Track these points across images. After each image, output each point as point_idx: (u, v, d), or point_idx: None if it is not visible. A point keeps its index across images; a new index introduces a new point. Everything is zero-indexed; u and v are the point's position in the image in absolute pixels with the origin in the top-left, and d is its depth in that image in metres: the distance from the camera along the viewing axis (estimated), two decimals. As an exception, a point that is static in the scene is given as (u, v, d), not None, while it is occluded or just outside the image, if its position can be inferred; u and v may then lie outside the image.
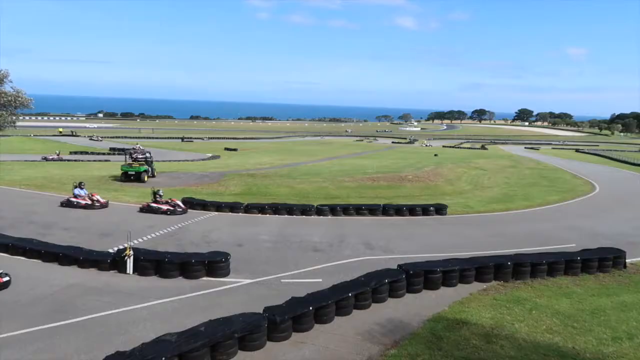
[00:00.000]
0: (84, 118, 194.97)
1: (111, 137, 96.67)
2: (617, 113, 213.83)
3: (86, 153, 61.89)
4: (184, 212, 24.79)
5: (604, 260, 17.14)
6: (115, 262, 15.75)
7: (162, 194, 25.77)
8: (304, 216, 25.10)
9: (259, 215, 25.28)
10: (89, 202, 25.43)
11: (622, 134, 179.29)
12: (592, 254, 17.41)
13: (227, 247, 17.71)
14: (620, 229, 24.59)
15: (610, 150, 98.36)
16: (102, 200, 25.84)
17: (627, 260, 17.73)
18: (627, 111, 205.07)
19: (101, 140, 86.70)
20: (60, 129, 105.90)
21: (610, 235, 22.90)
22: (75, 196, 25.77)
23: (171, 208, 24.68)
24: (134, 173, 35.25)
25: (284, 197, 29.97)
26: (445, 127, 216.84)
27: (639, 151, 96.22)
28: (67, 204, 25.64)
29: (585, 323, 12.64)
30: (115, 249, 17.11)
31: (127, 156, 38.16)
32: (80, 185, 26.52)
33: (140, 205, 25.56)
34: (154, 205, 24.79)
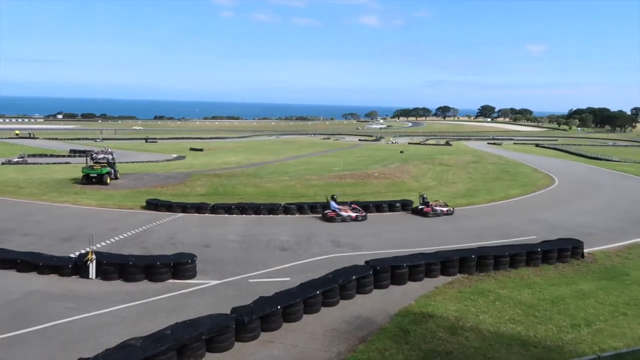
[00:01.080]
0: (42, 120, 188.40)
1: (72, 139, 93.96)
2: (574, 108, 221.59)
3: (45, 156, 59.94)
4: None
5: (563, 250, 17.85)
6: (77, 267, 15.31)
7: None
8: (271, 215, 25.02)
9: (226, 215, 25.03)
10: (359, 214, 24.02)
11: (579, 128, 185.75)
12: (552, 245, 18.10)
13: (193, 249, 17.47)
14: (578, 220, 25.54)
15: (569, 144, 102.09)
16: (353, 214, 24.24)
17: (584, 250, 18.49)
18: (584, 106, 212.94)
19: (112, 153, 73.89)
20: (17, 131, 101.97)
21: (569, 226, 23.77)
22: (334, 210, 23.92)
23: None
24: (95, 175, 34.34)
25: (251, 197, 29.78)
26: (410, 125, 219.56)
27: (595, 145, 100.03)
28: (337, 218, 23.68)
29: (546, 312, 13.10)
30: (77, 253, 16.64)
31: (89, 158, 37.09)
32: (333, 198, 24.55)
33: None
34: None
